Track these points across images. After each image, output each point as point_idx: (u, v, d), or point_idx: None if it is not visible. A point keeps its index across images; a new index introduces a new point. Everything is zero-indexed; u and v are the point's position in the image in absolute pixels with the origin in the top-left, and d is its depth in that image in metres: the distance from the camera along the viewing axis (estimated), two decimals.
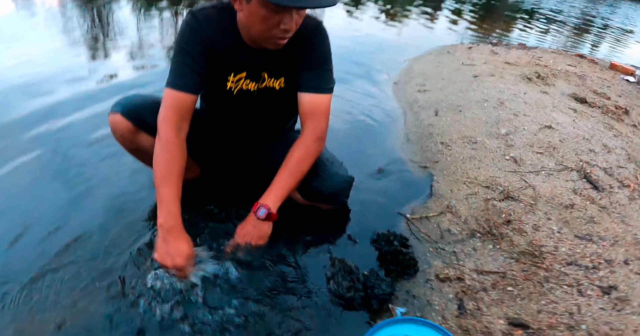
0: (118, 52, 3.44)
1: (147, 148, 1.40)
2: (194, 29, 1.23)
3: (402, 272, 1.40)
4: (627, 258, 1.52)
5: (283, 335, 1.16)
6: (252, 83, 1.35)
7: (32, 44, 3.43)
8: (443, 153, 2.21)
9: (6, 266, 1.29)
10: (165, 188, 1.17)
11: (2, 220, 1.49)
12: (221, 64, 1.30)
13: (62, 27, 4.14)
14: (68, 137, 2.04)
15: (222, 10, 1.24)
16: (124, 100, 1.36)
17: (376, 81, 3.32)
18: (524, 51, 4.69)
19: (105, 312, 1.16)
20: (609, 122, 2.77)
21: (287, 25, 1.10)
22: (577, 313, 1.28)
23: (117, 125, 1.35)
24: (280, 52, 1.27)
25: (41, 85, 2.57)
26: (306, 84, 1.34)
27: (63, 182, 1.72)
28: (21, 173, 1.75)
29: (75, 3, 5.08)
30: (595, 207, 1.79)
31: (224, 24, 1.24)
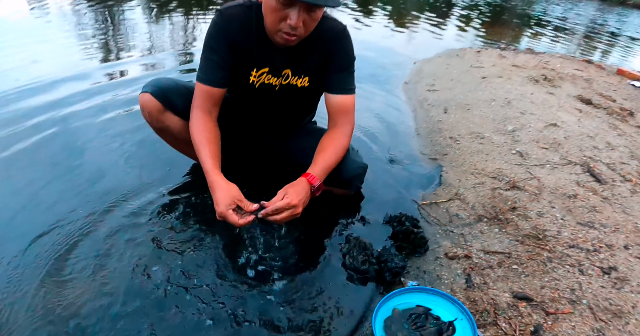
0: (128, 51, 3.57)
1: (172, 127, 1.53)
2: (219, 27, 1.33)
3: (413, 250, 1.49)
4: (627, 243, 1.60)
5: (303, 302, 1.25)
6: (275, 78, 1.44)
7: (43, 41, 3.61)
8: (452, 147, 2.30)
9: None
10: (202, 152, 1.28)
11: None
12: (244, 60, 1.39)
13: (76, 27, 4.28)
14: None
15: (248, 8, 1.32)
16: (154, 82, 1.48)
17: (387, 80, 3.43)
18: (532, 56, 4.78)
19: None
20: (614, 122, 2.85)
21: (293, 21, 1.16)
22: (578, 289, 1.36)
23: (146, 104, 1.46)
24: (306, 52, 1.37)
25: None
26: (335, 86, 1.43)
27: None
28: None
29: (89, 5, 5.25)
30: (597, 198, 1.87)
31: (248, 22, 1.33)
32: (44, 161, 1.85)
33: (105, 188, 1.67)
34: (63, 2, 5.67)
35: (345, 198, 1.72)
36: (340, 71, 1.42)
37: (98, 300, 1.20)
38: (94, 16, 4.92)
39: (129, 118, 2.26)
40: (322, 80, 1.45)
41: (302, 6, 1.15)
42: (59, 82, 2.69)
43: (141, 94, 1.46)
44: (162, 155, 1.89)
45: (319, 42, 1.35)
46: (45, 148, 1.95)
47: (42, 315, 1.14)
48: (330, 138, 1.41)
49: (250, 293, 1.26)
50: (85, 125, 2.18)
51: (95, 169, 1.81)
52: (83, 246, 1.38)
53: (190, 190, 1.71)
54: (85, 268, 1.30)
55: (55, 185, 1.69)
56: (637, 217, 1.78)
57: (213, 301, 1.23)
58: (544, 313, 1.26)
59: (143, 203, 1.60)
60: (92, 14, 5.01)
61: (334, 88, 1.43)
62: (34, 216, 1.50)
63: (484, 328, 1.20)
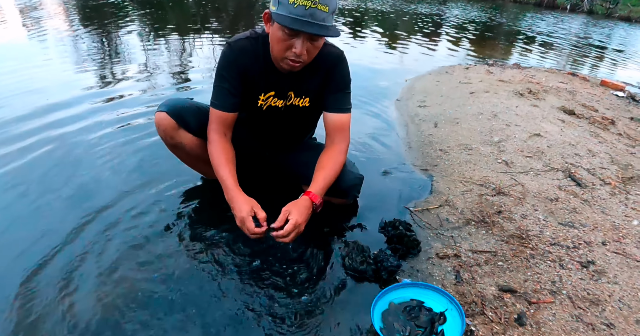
0: (124, 74, 3.78)
1: (184, 144, 1.69)
2: (229, 58, 1.50)
3: (407, 251, 1.62)
4: (605, 240, 1.73)
5: (302, 301, 1.37)
6: (280, 100, 1.61)
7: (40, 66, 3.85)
8: (442, 158, 2.45)
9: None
10: (221, 170, 1.46)
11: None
12: (253, 86, 1.56)
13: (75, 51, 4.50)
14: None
15: (255, 40, 1.50)
16: (169, 102, 1.64)
17: (380, 98, 3.61)
18: (518, 70, 4.99)
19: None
20: (595, 130, 3.02)
21: (297, 49, 1.32)
22: (558, 281, 1.49)
23: (161, 122, 1.62)
24: (307, 75, 1.54)
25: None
26: (332, 105, 1.59)
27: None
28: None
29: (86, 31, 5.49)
30: (577, 200, 2.01)
31: (256, 52, 1.50)
32: (39, 177, 1.99)
33: (108, 200, 1.82)
34: (60, 28, 5.96)
35: (343, 207, 1.86)
36: (337, 92, 1.58)
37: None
38: (91, 41, 5.19)
39: (130, 136, 2.44)
40: (321, 100, 1.61)
41: (305, 36, 1.31)
42: (54, 106, 2.86)
43: (157, 113, 1.62)
44: (171, 169, 2.05)
45: (319, 65, 1.52)
46: (44, 164, 2.11)
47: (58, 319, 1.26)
48: (328, 156, 1.56)
49: (256, 292, 1.39)
50: (85, 144, 2.34)
51: (93, 184, 1.97)
52: (89, 260, 1.51)
53: (192, 199, 1.86)
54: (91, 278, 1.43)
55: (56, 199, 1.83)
56: (614, 216, 1.92)
57: (222, 297, 1.36)
58: (527, 303, 1.38)
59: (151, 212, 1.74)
60: (89, 39, 5.28)
61: (331, 107, 1.59)
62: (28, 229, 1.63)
63: (472, 317, 1.33)
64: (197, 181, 2.01)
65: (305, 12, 1.23)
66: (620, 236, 1.76)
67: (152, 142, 2.36)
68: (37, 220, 1.68)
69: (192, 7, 9.43)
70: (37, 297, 1.31)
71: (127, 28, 6.16)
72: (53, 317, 1.25)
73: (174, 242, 1.60)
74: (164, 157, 2.05)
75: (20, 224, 1.66)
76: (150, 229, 1.66)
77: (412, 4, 14.31)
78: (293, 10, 1.24)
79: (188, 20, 7.65)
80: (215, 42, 5.62)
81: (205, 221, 1.74)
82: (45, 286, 1.35)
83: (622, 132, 3.16)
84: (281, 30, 1.31)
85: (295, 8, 1.23)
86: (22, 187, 1.90)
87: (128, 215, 1.73)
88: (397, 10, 11.86)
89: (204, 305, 1.33)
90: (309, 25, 1.25)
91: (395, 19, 10.17)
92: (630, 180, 2.27)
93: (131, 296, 1.34)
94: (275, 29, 1.33)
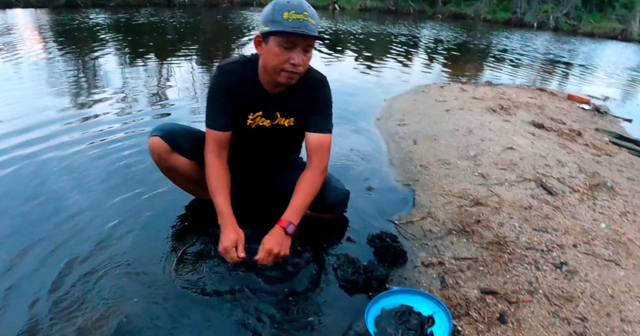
0: (100, 97, 3.86)
1: (178, 167, 1.79)
2: (220, 80, 1.63)
3: (394, 261, 1.72)
4: (576, 242, 1.87)
5: (300, 312, 1.46)
6: (267, 120, 1.72)
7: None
8: (422, 173, 2.59)
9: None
10: (217, 197, 1.58)
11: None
12: (242, 106, 1.68)
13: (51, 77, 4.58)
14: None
15: (244, 63, 1.64)
16: (162, 127, 1.73)
17: (361, 118, 3.76)
18: (490, 88, 5.25)
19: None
20: (564, 142, 3.21)
21: (296, 60, 1.46)
22: (535, 282, 1.61)
23: (155, 146, 1.70)
24: (292, 97, 1.67)
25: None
26: (314, 126, 1.71)
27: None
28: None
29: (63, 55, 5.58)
30: (549, 207, 2.16)
31: (245, 75, 1.63)
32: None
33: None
34: (34, 52, 6.04)
35: (332, 223, 1.96)
36: (318, 113, 1.71)
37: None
38: (66, 65, 5.31)
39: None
40: (304, 121, 1.73)
41: (300, 47, 1.46)
42: (25, 129, 2.93)
43: (151, 137, 1.71)
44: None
45: (303, 88, 1.66)
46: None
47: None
48: (305, 179, 1.67)
49: (253, 303, 1.47)
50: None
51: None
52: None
53: (175, 214, 1.94)
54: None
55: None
56: (584, 220, 2.06)
57: (220, 308, 1.43)
58: (507, 303, 1.50)
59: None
60: (64, 63, 5.40)
61: (312, 127, 1.71)
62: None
63: (458, 319, 1.43)
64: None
65: (299, 24, 1.40)
66: (590, 238, 1.91)
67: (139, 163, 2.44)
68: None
69: (168, 32, 9.60)
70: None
71: (102, 51, 6.26)
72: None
73: (157, 259, 1.67)
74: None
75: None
76: (130, 241, 1.75)
77: (383, 26, 14.80)
78: (288, 24, 1.40)
79: (165, 44, 7.79)
80: (193, 63, 5.77)
81: (191, 232, 1.81)
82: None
83: (588, 142, 3.36)
84: (278, 45, 1.45)
85: (290, 22, 1.39)
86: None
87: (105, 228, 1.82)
88: (369, 32, 12.26)
89: (197, 323, 1.38)
90: (306, 33, 1.41)
91: (369, 40, 10.52)
92: (597, 187, 2.44)
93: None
94: (272, 45, 1.46)
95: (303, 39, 1.44)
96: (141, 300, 1.45)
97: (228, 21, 13.70)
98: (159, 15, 14.38)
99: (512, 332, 1.36)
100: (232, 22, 13.45)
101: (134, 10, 16.01)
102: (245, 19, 14.40)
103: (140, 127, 3.10)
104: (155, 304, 1.44)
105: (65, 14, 13.40)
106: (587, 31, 19.29)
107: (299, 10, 1.40)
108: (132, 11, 15.40)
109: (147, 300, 1.45)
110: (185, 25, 11.60)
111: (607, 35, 18.51)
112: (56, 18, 12.06)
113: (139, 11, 15.58)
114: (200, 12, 17.29)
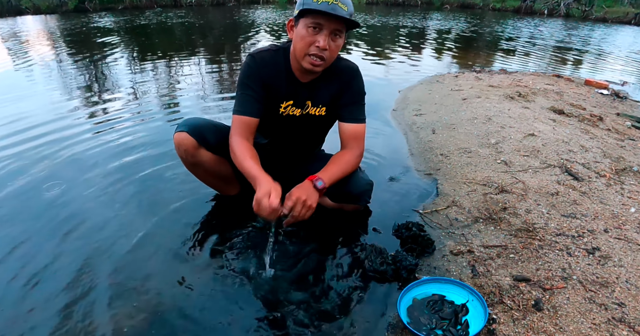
0: (112, 100, 3.88)
1: (204, 162, 1.78)
2: (252, 68, 1.60)
3: (422, 250, 1.70)
4: (607, 228, 1.83)
5: (331, 303, 1.45)
6: (298, 109, 1.70)
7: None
8: (443, 162, 2.56)
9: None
10: (246, 163, 1.49)
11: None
12: (274, 95, 1.65)
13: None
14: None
15: (276, 52, 1.62)
16: (189, 122, 1.72)
17: (377, 109, 3.73)
18: (506, 75, 5.17)
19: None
20: (585, 127, 3.15)
21: (321, 43, 1.43)
22: (568, 268, 1.58)
23: (182, 142, 1.70)
24: (323, 86, 1.65)
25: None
26: (349, 116, 1.70)
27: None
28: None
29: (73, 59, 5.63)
30: (576, 193, 2.12)
31: (277, 63, 1.61)
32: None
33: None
34: (45, 56, 6.12)
35: (356, 214, 1.95)
36: (353, 103, 1.70)
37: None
38: (77, 68, 5.38)
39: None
40: (335, 111, 1.72)
41: (328, 31, 1.44)
42: (42, 135, 2.95)
43: (177, 133, 1.70)
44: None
45: (336, 77, 1.64)
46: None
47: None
48: (341, 156, 1.65)
49: (282, 295, 1.47)
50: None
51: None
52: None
53: (198, 214, 1.94)
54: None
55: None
56: (612, 205, 2.02)
57: (254, 297, 1.43)
58: (541, 290, 1.47)
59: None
60: (74, 66, 5.46)
61: (347, 118, 1.69)
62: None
63: (492, 307, 1.41)
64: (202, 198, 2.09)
65: (328, 6, 1.39)
66: (620, 223, 1.86)
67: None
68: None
69: (176, 32, 9.62)
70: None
71: (111, 53, 6.30)
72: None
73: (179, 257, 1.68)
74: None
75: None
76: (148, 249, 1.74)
77: (391, 18, 14.67)
78: (317, 5, 1.39)
79: (172, 44, 7.82)
80: (202, 64, 5.78)
81: (219, 230, 1.82)
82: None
83: (610, 127, 3.29)
84: (305, 28, 1.44)
85: (319, 4, 1.39)
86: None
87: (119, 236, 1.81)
88: (378, 25, 12.16)
89: (227, 314, 1.39)
90: (331, 12, 1.39)
91: (378, 32, 10.43)
92: (623, 172, 2.38)
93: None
94: (300, 28, 1.46)
95: (330, 20, 1.42)
96: (170, 290, 1.46)
97: (236, 18, 13.70)
98: (166, 15, 14.45)
99: (549, 319, 1.34)
100: (241, 20, 13.46)
101: (141, 12, 16.12)
102: (251, 17, 14.38)
103: (150, 126, 3.15)
104: (183, 293, 1.46)
105: (74, 18, 13.54)
106: (600, 17, 18.86)
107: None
108: (139, 13, 15.50)
109: (176, 290, 1.47)
110: (194, 25, 11.63)
111: (620, 21, 18.06)
112: (65, 23, 12.20)
113: (147, 13, 15.67)
114: (207, 11, 17.34)
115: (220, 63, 6.07)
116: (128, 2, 18.11)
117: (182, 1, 19.55)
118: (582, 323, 1.32)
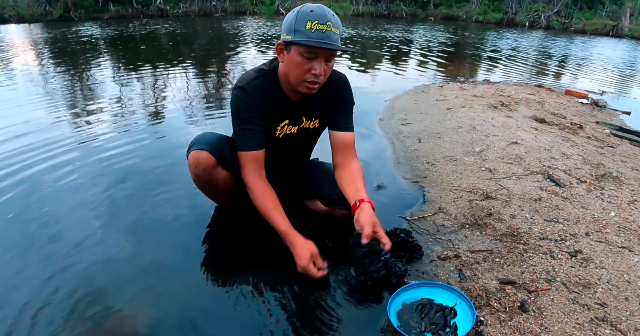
0: (96, 110, 3.88)
1: (218, 181, 1.77)
2: (247, 101, 1.57)
3: (410, 256, 1.74)
4: (588, 231, 1.89)
5: (327, 306, 1.47)
6: (294, 127, 1.73)
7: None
8: (429, 170, 2.61)
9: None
10: (274, 214, 1.54)
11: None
12: (270, 119, 1.66)
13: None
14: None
15: (264, 76, 1.61)
16: (207, 140, 1.68)
17: (364, 119, 3.78)
18: (489, 86, 5.29)
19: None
20: (566, 135, 3.24)
21: (317, 70, 1.44)
22: (552, 271, 1.62)
23: (202, 161, 1.65)
24: (315, 100, 1.68)
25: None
26: (340, 124, 1.74)
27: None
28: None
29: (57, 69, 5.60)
30: (559, 198, 2.18)
31: (269, 89, 1.61)
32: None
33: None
34: (28, 66, 6.08)
35: (346, 220, 1.97)
36: (344, 112, 1.74)
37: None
38: (61, 79, 5.38)
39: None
40: (327, 120, 1.76)
41: (323, 57, 1.45)
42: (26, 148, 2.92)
43: (196, 151, 1.64)
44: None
45: (327, 88, 1.67)
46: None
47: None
48: (353, 169, 1.71)
49: (272, 300, 1.48)
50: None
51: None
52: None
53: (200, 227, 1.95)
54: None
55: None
56: (593, 210, 2.08)
57: (238, 304, 1.44)
58: (526, 292, 1.51)
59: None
60: (59, 77, 5.47)
61: (339, 126, 1.74)
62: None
63: (479, 310, 1.44)
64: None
65: (322, 35, 1.38)
66: (601, 226, 1.93)
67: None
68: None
69: (162, 42, 9.63)
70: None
71: (97, 63, 6.28)
72: None
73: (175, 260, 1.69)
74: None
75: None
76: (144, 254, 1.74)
77: (377, 30, 14.90)
78: (311, 34, 1.38)
79: (160, 54, 7.83)
80: (189, 72, 5.80)
81: (216, 242, 1.83)
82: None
83: (590, 135, 3.40)
84: (300, 55, 1.43)
85: (313, 32, 1.37)
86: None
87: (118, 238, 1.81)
88: (364, 36, 12.34)
89: (215, 319, 1.41)
90: (329, 45, 1.40)
91: (364, 43, 10.58)
92: (603, 177, 2.46)
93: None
94: (294, 55, 1.45)
95: (326, 50, 1.43)
96: (169, 296, 1.47)
97: (225, 31, 13.77)
98: (152, 26, 14.44)
99: (535, 320, 1.37)
100: (227, 31, 13.53)
101: (127, 22, 16.08)
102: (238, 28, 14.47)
103: (136, 136, 3.14)
104: (184, 300, 1.46)
105: (58, 28, 13.45)
106: (579, 29, 19.43)
107: (322, 20, 1.37)
108: (125, 23, 15.47)
109: (175, 297, 1.47)
110: (181, 35, 11.65)
111: (598, 32, 18.64)
112: (50, 32, 12.11)
113: (133, 23, 15.65)
114: (195, 22, 17.39)
115: (205, 74, 6.10)
116: (114, 12, 18.10)
117: (169, 11, 19.60)
118: (567, 323, 1.36)
